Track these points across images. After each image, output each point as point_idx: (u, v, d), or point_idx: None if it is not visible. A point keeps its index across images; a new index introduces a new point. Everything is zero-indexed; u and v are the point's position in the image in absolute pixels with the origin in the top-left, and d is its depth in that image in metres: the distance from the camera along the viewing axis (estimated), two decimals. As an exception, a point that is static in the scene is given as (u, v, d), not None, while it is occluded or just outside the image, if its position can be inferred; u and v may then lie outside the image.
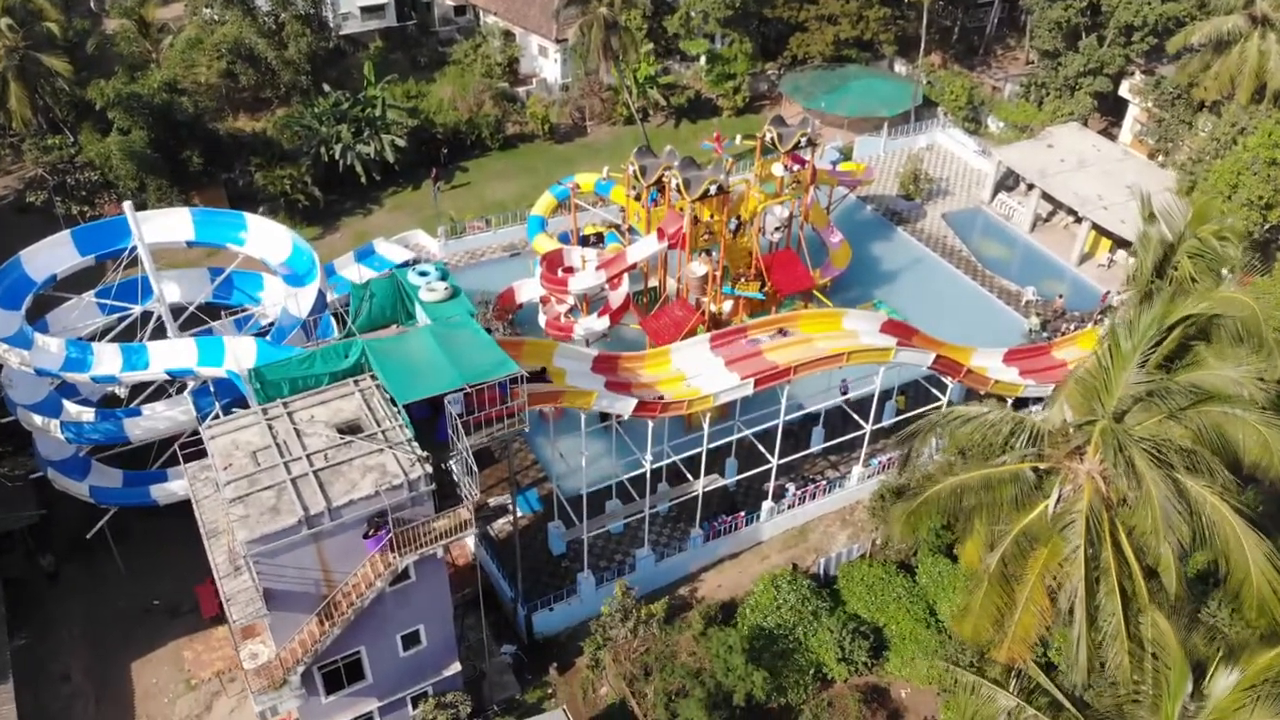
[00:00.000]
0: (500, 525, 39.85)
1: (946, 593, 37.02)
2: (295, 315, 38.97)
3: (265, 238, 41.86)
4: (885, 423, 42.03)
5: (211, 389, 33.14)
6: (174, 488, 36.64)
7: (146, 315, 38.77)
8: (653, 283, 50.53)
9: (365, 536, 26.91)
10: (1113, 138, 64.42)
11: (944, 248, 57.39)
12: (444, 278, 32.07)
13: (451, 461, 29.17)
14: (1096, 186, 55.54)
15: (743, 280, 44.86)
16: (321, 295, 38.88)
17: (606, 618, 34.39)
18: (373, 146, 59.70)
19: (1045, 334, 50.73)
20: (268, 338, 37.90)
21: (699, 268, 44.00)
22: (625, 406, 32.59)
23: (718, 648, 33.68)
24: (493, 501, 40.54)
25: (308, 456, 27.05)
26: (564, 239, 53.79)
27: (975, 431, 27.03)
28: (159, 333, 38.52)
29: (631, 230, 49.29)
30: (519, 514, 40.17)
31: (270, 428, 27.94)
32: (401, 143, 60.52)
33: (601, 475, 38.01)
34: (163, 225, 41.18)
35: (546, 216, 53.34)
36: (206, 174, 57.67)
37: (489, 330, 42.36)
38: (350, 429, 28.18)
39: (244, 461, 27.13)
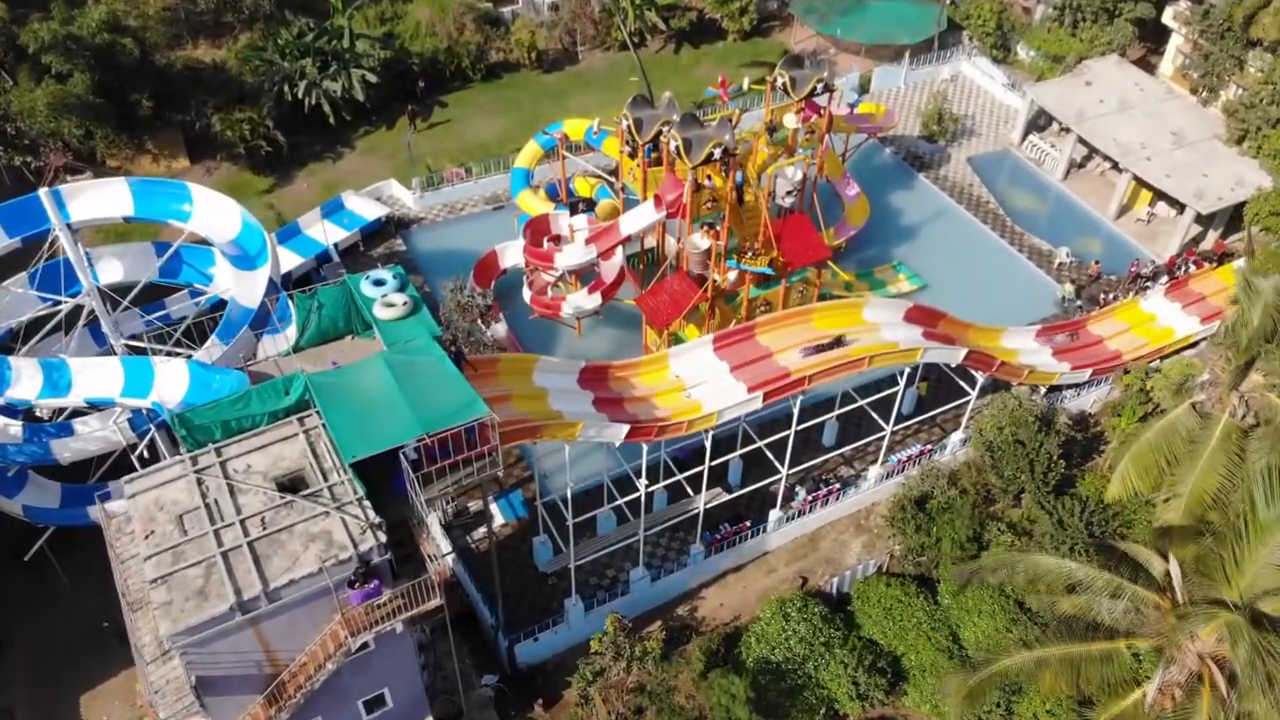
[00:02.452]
0: (480, 535, 36.22)
1: (971, 616, 33.61)
2: (246, 305, 34.67)
3: (212, 212, 37.19)
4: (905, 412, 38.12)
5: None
6: (119, 507, 32.70)
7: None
8: (651, 243, 45.90)
9: (350, 586, 23.23)
10: (1152, 68, 58.61)
11: (969, 198, 52.37)
12: (403, 287, 27.61)
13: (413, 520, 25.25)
14: (1139, 132, 50.22)
15: (750, 254, 40.14)
16: (274, 283, 34.39)
17: (597, 655, 31.01)
18: (341, 83, 54.05)
19: (1079, 302, 46.27)
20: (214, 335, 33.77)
21: (701, 241, 39.29)
22: (616, 434, 28.50)
23: (719, 695, 30.39)
24: (472, 506, 36.82)
25: (242, 522, 23.17)
26: (551, 191, 48.91)
27: (1054, 581, 22.40)
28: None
29: (625, 190, 44.38)
30: (501, 520, 36.63)
31: (200, 482, 24.00)
32: (373, 78, 54.83)
33: (590, 471, 34.36)
34: (97, 200, 36.51)
35: (532, 168, 48.31)
36: (159, 117, 52.26)
37: (469, 305, 38.36)
38: (292, 483, 24.22)
39: (168, 529, 23.28)
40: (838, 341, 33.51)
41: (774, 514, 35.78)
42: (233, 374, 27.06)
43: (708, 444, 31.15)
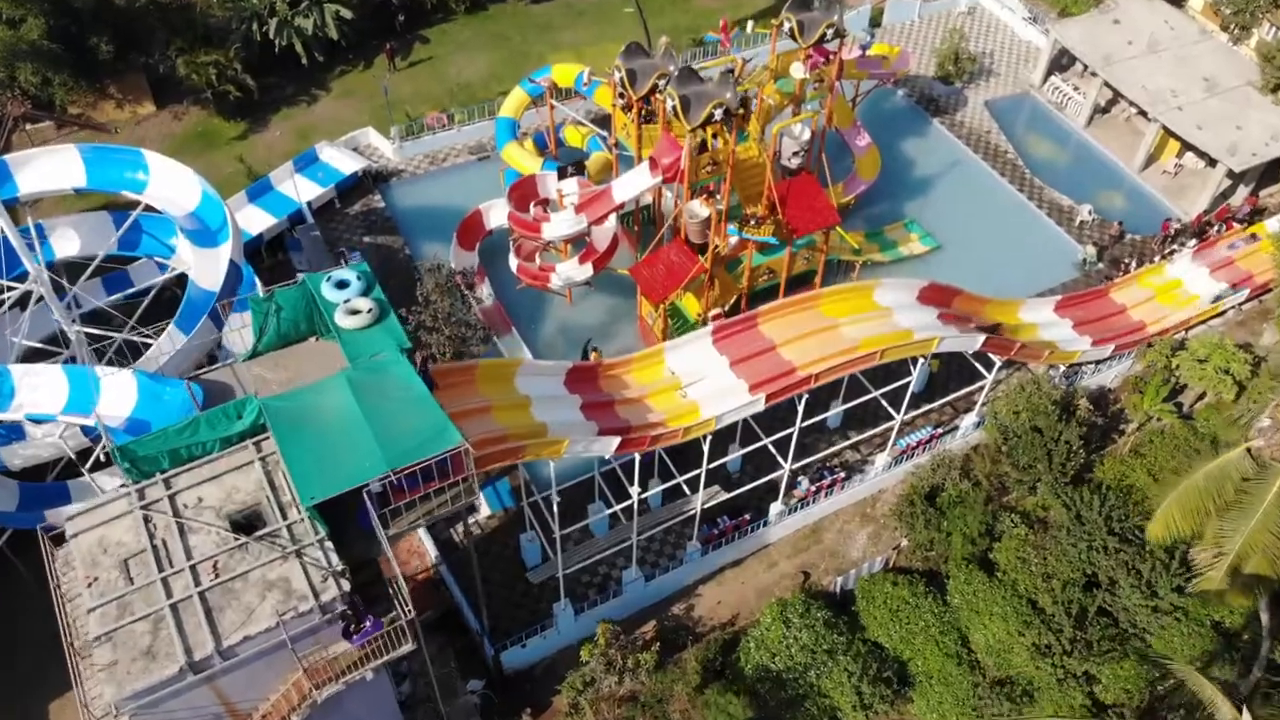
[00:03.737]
0: (467, 527, 34.24)
1: (981, 618, 31.91)
2: (206, 287, 32.09)
3: (169, 182, 34.37)
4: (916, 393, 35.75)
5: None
6: (75, 511, 30.53)
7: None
8: (647, 200, 42.94)
9: (347, 637, 21.40)
10: (1180, 1, 54.75)
11: (986, 146, 49.13)
12: (368, 289, 24.99)
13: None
14: (1169, 78, 46.77)
15: (753, 223, 37.30)
16: (235, 267, 31.72)
17: (587, 669, 29.36)
18: (313, 20, 50.23)
19: (1101, 264, 43.56)
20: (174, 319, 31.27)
21: (700, 209, 36.44)
22: (605, 448, 26.19)
23: (716, 715, 28.79)
24: (456, 496, 34.74)
25: (192, 568, 21.07)
26: (539, 141, 45.78)
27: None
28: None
29: (619, 146, 41.29)
30: (487, 512, 34.65)
31: (147, 520, 21.84)
32: (347, 13, 50.97)
33: (581, 466, 32.39)
34: (46, 170, 34.00)
35: (518, 118, 45.03)
36: (121, 60, 48.68)
37: (449, 286, 35.57)
38: (248, 520, 22.09)
39: (112, 575, 21.22)
40: (995, 328, 32.67)
41: (775, 507, 33.80)
42: (183, 386, 24.62)
43: (705, 447, 28.88)
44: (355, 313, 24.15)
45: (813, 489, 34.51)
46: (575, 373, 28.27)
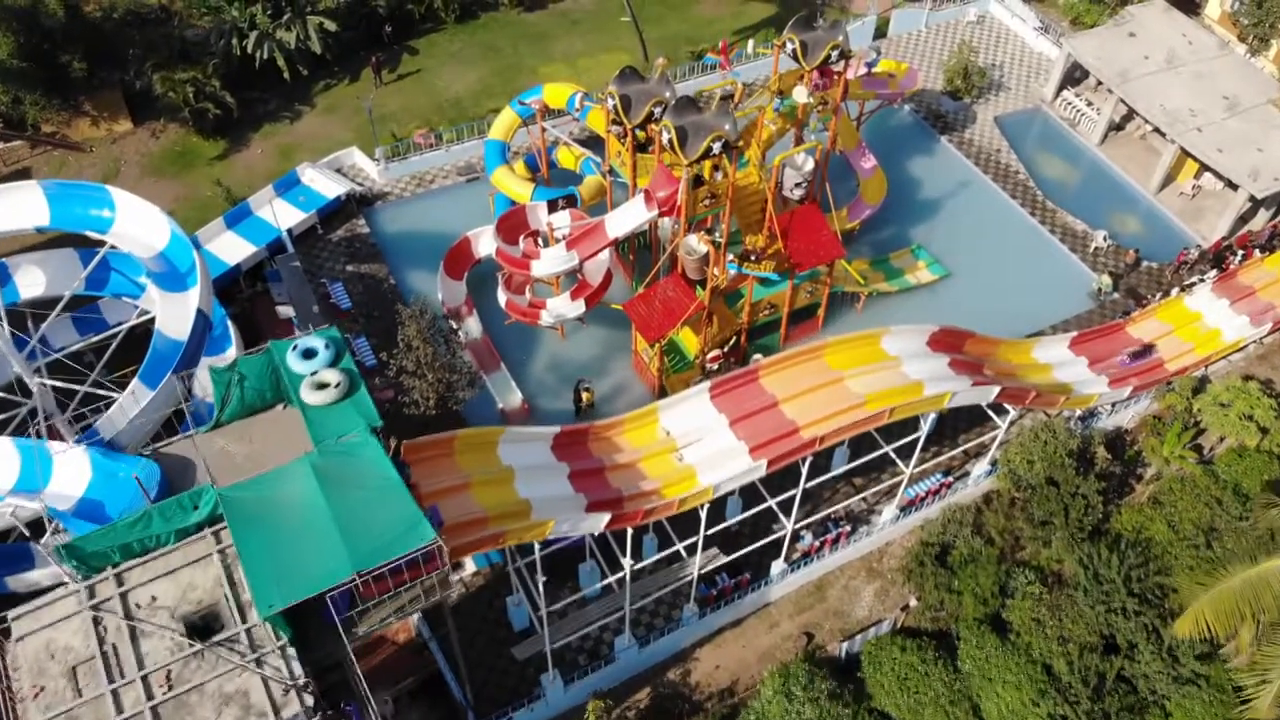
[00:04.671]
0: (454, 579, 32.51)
1: (994, 686, 30.22)
2: (173, 336, 30.29)
3: (136, 221, 32.56)
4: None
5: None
6: (39, 577, 28.78)
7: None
8: (644, 226, 40.96)
9: None
10: (1196, 7, 52.80)
11: (996, 166, 47.18)
12: (337, 358, 23.19)
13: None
14: (1188, 96, 44.80)
15: (753, 258, 35.47)
16: (203, 317, 29.89)
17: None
18: (296, 32, 48.21)
19: (1116, 294, 41.71)
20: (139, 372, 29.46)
21: (698, 245, 34.60)
22: (594, 525, 24.43)
23: (713, 803, 27.24)
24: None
25: (144, 679, 19.37)
26: (530, 162, 43.88)
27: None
28: None
29: (613, 172, 39.42)
30: (472, 569, 32.95)
31: (97, 622, 20.13)
32: (332, 25, 48.92)
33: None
34: (6, 208, 32.03)
35: (508, 140, 43.08)
36: (95, 77, 46.72)
37: (433, 330, 33.54)
38: (204, 622, 20.42)
39: (60, 684, 19.53)
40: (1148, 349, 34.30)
41: (777, 565, 32.09)
42: (140, 464, 22.84)
43: (703, 512, 27.11)
44: (323, 386, 22.38)
45: (816, 544, 32.79)
46: (563, 438, 26.45)
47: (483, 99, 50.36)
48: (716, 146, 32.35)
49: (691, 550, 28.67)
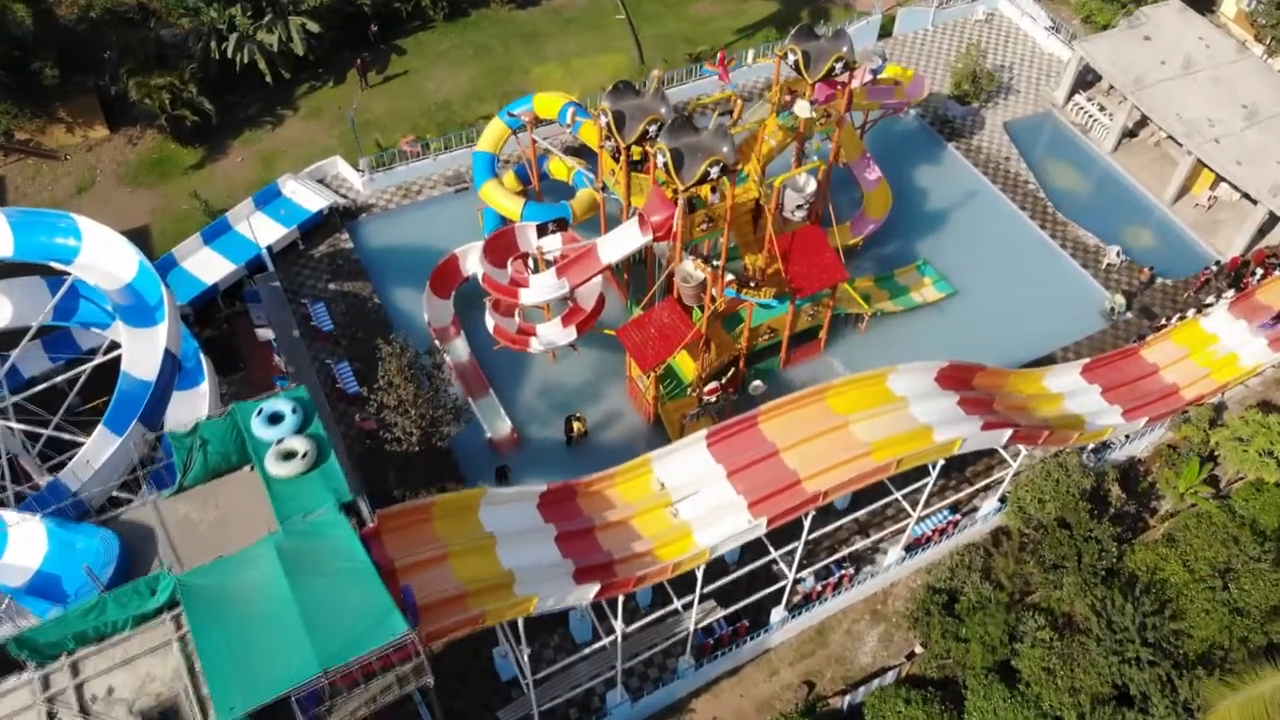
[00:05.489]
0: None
1: (1003, 741, 29.01)
2: (141, 376, 28.74)
3: (103, 251, 30.89)
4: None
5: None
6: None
7: None
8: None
9: None
10: (1211, 6, 50.97)
11: (1005, 175, 45.45)
12: (304, 424, 21.64)
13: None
14: (1205, 103, 43.03)
15: (752, 284, 33.90)
16: (171, 358, 28.33)
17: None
18: (277, 34, 46.30)
19: (1130, 314, 40.16)
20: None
21: (695, 272, 33.02)
22: (582, 596, 22.96)
23: None
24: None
25: (96, 786, 18.02)
26: (520, 172, 42.20)
27: None
28: None
29: (605, 189, 37.72)
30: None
31: (51, 716, 18.74)
32: (314, 26, 47.02)
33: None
34: (-32, 238, 30.29)
35: (497, 152, 41.31)
36: (70, 83, 44.90)
37: (415, 368, 31.73)
38: (163, 718, 18.95)
39: (3, 790, 18.13)
40: None
41: (778, 613, 30.72)
42: (99, 536, 21.35)
43: (699, 573, 25.69)
44: (289, 456, 20.85)
45: (819, 588, 31.42)
46: (550, 496, 24.87)
47: (473, 102, 48.56)
48: (714, 171, 30.71)
49: (688, 604, 27.25)
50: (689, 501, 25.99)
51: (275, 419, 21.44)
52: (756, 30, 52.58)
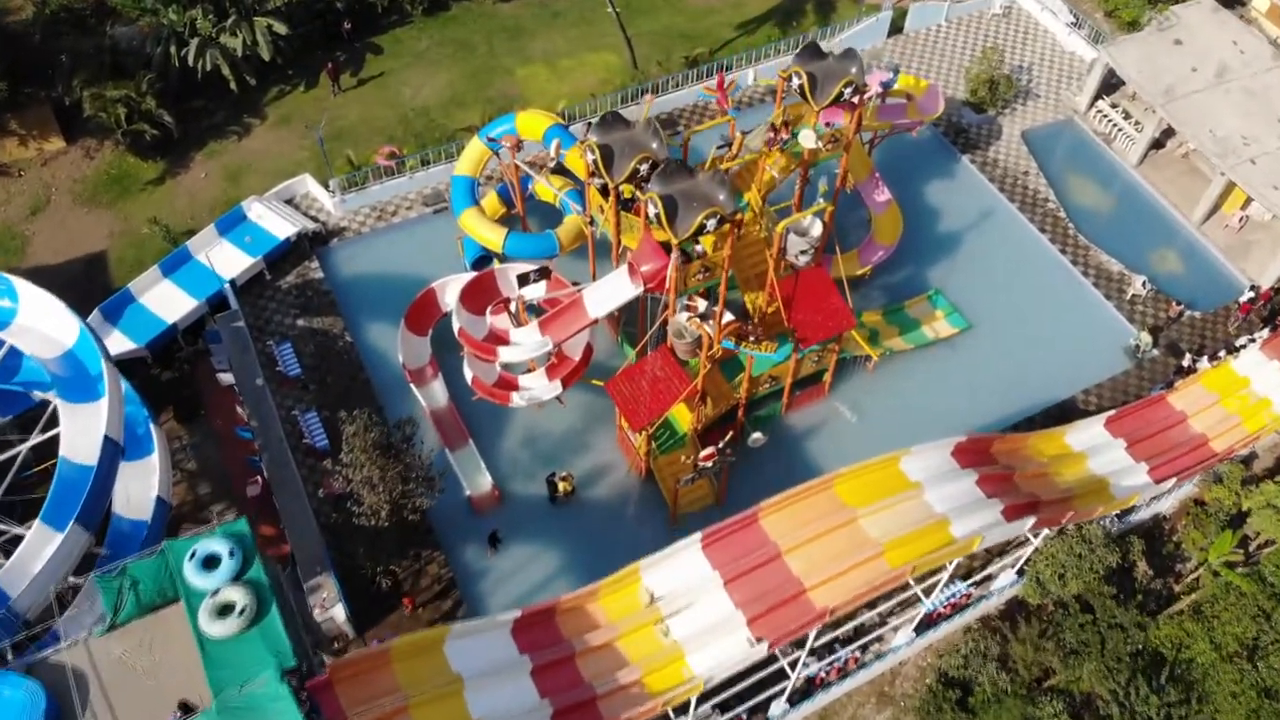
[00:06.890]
0: None
1: (1018, 845, 27.07)
2: (81, 460, 26.21)
3: (40, 315, 28.21)
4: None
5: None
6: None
7: None
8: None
9: None
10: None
11: (1024, 192, 42.44)
12: (243, 568, 19.11)
13: None
14: (1240, 117, 39.96)
15: (752, 339, 31.20)
16: (112, 445, 25.77)
17: None
18: (242, 38, 42.93)
19: (1156, 351, 37.54)
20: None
21: (689, 328, 30.32)
22: (560, 740, 20.73)
23: None
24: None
25: None
26: (503, 194, 39.19)
27: None
28: None
29: (593, 223, 34.85)
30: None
31: None
32: (283, 28, 43.63)
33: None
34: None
35: (477, 176, 38.30)
36: (21, 94, 41.72)
37: (380, 445, 29.02)
38: None
39: None
40: None
41: (778, 705, 28.53)
42: (23, 686, 18.99)
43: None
44: (226, 610, 18.39)
45: (823, 674, 29.23)
46: (525, 622, 22.42)
47: (452, 109, 45.35)
48: (711, 224, 27.94)
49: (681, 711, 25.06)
50: (681, 617, 23.59)
51: (211, 562, 18.93)
52: (758, 26, 49.12)
